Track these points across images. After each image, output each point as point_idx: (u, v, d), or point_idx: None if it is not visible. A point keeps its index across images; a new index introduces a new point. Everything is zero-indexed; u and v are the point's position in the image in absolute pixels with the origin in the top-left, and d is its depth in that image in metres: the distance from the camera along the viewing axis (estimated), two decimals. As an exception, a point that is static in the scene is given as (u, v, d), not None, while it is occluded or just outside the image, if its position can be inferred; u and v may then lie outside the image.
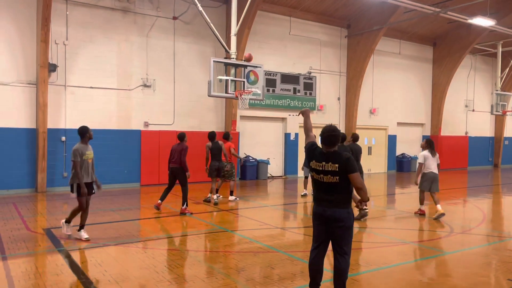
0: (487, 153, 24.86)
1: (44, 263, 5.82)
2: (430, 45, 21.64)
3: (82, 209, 6.89)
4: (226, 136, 11.22)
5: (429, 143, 9.38)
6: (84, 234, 6.89)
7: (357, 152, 9.16)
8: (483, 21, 15.67)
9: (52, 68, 12.32)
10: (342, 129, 18.90)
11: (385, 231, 8.22)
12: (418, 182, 9.38)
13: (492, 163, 25.15)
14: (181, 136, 9.62)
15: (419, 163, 9.38)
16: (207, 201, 10.75)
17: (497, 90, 20.76)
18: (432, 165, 9.26)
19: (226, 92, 11.54)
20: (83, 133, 6.90)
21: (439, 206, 9.09)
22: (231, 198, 11.18)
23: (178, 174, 9.33)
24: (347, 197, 4.24)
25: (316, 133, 4.36)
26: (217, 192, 10.91)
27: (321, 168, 4.21)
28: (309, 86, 17.63)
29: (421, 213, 9.43)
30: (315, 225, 4.40)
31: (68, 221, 7.03)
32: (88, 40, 13.06)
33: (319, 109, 18.03)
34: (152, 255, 6.14)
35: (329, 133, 4.23)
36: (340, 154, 4.19)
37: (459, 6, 15.31)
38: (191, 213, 9.22)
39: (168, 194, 9.58)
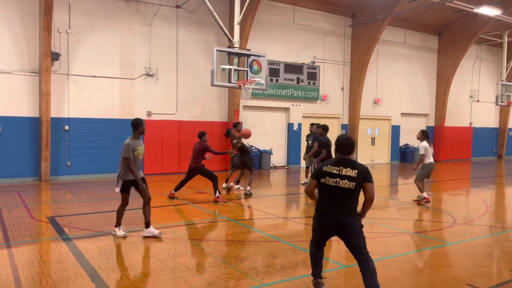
0: (491, 144, 24.74)
1: (48, 251, 5.87)
2: (435, 35, 21.42)
3: (125, 205, 6.46)
4: (227, 134, 11.19)
5: (425, 134, 9.75)
6: (154, 230, 6.47)
7: (330, 144, 9.65)
8: (489, 11, 15.49)
9: (55, 56, 12.29)
10: (345, 119, 18.85)
11: (388, 221, 8.22)
12: (417, 170, 9.73)
13: (496, 154, 25.05)
14: (200, 134, 9.68)
15: (421, 154, 9.59)
16: (225, 191, 10.83)
17: (502, 81, 20.56)
18: (431, 155, 9.67)
19: (229, 82, 11.50)
20: (137, 126, 6.37)
21: (425, 194, 9.59)
22: (236, 186, 11.29)
23: (200, 172, 9.50)
24: (356, 206, 4.25)
25: (319, 122, 4.34)
26: (238, 183, 11.29)
27: (338, 172, 4.21)
28: (312, 76, 17.53)
29: (426, 201, 9.47)
30: (320, 228, 4.47)
31: (118, 224, 6.47)
32: (90, 29, 12.99)
33: (323, 99, 17.95)
34: (155, 243, 6.17)
35: (346, 140, 4.32)
36: (356, 162, 4.28)
37: (466, -5, 15.12)
38: (225, 201, 9.41)
39: (182, 187, 9.75)
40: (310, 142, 12.40)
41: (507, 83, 20.53)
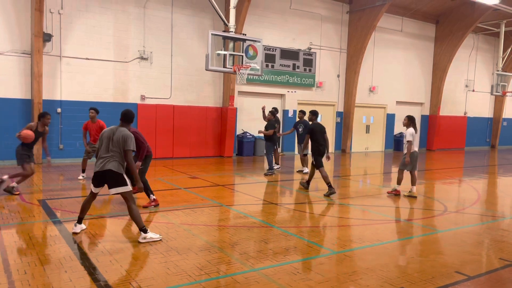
0: (484, 133, 24.85)
1: (38, 234, 5.83)
2: (432, 23, 21.28)
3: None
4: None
5: (412, 120, 9.08)
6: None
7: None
8: (487, -1, 15.35)
9: (47, 37, 12.07)
10: (341, 107, 18.81)
11: (380, 209, 8.25)
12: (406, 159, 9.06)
13: (489, 144, 25.19)
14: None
15: (408, 141, 8.93)
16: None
17: (498, 71, 20.56)
18: (416, 143, 9.08)
19: (224, 67, 11.37)
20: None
21: (414, 188, 9.18)
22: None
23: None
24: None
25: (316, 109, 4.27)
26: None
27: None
28: (308, 63, 17.40)
29: (396, 194, 9.27)
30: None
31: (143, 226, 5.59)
32: (83, 10, 12.75)
33: (318, 86, 17.86)
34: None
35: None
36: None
37: (464, -18, 14.97)
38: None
39: None
40: (301, 129, 12.31)
41: (503, 73, 20.54)
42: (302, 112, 12.35)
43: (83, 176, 10.03)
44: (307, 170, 11.95)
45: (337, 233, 6.39)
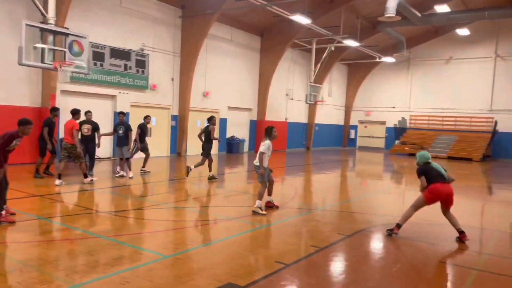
0: (301, 137, 28.30)
1: None
2: (258, 36, 23.21)
3: None
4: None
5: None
6: None
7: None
8: (301, 19, 17.57)
9: None
10: (176, 110, 18.84)
11: (215, 209, 8.53)
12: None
13: (305, 146, 28.79)
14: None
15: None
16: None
17: (310, 82, 23.72)
18: None
19: (43, 62, 10.18)
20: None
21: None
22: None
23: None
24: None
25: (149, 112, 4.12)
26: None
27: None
28: (141, 64, 16.91)
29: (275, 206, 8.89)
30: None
31: None
32: None
33: (152, 88, 17.52)
34: None
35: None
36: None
37: (284, 1, 16.82)
38: None
39: None
40: (121, 132, 11.99)
41: (314, 84, 23.78)
42: (123, 114, 12.23)
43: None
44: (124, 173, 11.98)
45: (170, 237, 6.34)
